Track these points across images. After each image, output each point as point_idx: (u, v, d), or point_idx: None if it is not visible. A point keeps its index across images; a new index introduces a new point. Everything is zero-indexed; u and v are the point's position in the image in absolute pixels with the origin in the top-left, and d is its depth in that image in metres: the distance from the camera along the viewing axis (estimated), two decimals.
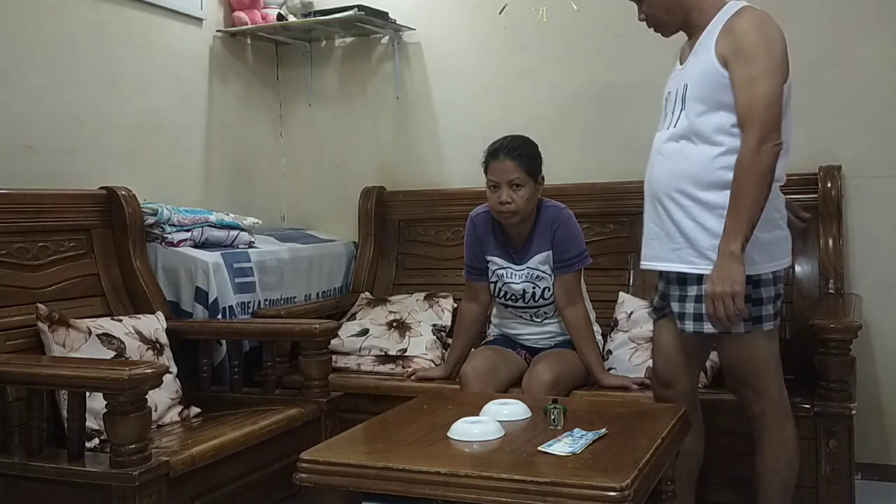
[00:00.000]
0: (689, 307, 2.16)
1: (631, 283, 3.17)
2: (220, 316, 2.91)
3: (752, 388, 2.22)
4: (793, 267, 3.00)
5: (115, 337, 2.47)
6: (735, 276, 2.01)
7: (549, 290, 2.79)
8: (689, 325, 2.17)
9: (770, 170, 2.03)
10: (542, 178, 2.76)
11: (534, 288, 2.79)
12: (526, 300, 2.81)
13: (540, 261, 2.78)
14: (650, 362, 2.63)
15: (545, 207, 2.80)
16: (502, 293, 2.84)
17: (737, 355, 2.21)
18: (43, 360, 2.34)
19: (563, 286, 2.76)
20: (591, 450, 1.80)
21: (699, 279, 2.13)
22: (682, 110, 2.16)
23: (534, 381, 2.58)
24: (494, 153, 2.73)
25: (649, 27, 2.29)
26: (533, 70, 3.53)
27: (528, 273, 2.79)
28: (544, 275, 2.78)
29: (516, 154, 2.69)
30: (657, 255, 2.22)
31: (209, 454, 2.21)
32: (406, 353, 3.12)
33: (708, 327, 2.13)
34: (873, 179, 3.06)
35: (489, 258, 2.85)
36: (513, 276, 2.81)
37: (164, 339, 2.64)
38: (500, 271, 2.83)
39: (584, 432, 1.90)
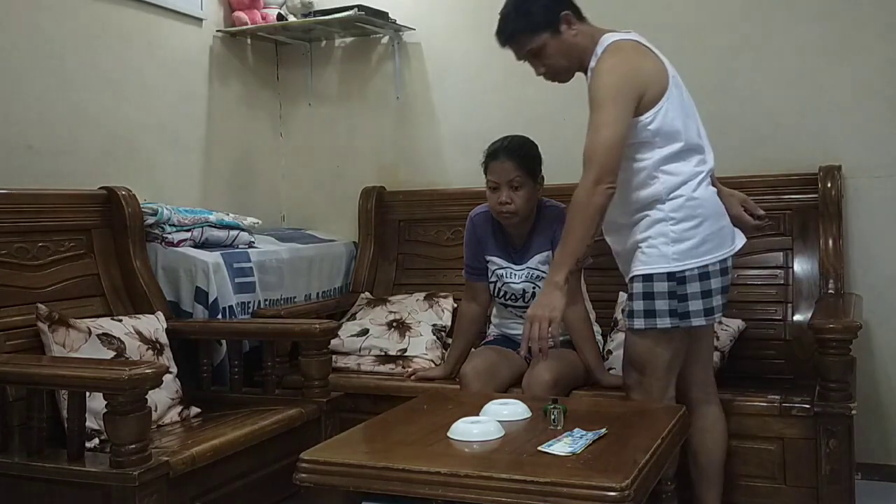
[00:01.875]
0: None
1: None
2: (220, 316, 2.91)
3: (638, 376, 2.33)
4: (792, 267, 3.01)
5: (115, 337, 2.47)
6: (555, 304, 2.17)
7: None
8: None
9: (600, 210, 2.18)
10: (542, 178, 2.77)
11: (534, 288, 2.79)
12: (526, 300, 2.81)
13: (540, 261, 2.78)
14: None
15: (545, 207, 2.80)
16: (502, 293, 2.84)
17: (633, 344, 2.33)
18: (43, 360, 2.34)
19: None
20: (592, 450, 1.80)
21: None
22: None
23: (534, 381, 2.58)
24: (494, 154, 2.74)
25: (548, 79, 2.42)
26: (533, 70, 3.52)
27: (528, 273, 2.79)
28: (544, 275, 2.77)
29: (516, 154, 2.69)
30: None
31: (209, 454, 2.21)
32: (406, 353, 3.12)
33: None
34: (873, 179, 3.06)
35: (489, 258, 2.85)
36: (512, 276, 2.81)
37: (164, 339, 2.64)
38: (499, 271, 2.83)
39: (584, 432, 1.90)
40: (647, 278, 2.25)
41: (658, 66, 2.27)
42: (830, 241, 2.93)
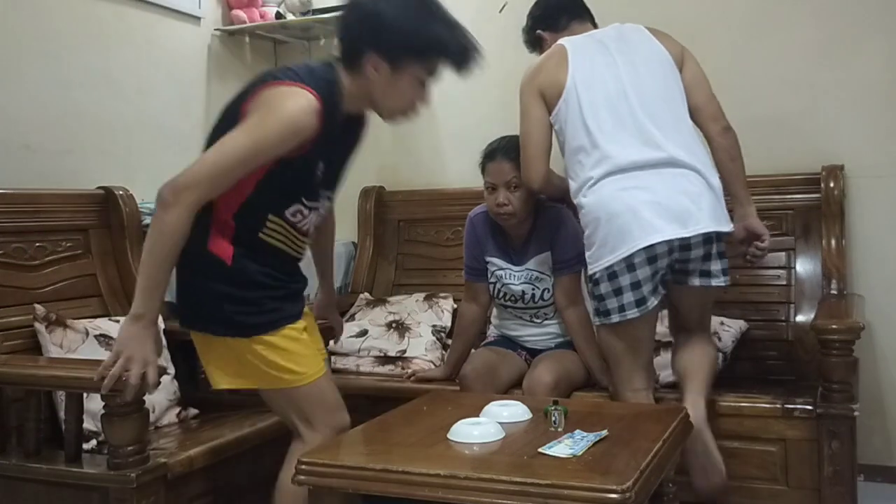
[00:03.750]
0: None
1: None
2: None
3: (607, 367, 2.55)
4: (795, 267, 3.00)
5: (112, 338, 2.46)
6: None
7: (548, 292, 2.77)
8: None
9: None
10: None
11: (533, 289, 2.77)
12: (525, 301, 2.80)
13: (539, 262, 2.77)
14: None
15: (544, 208, 2.79)
16: (501, 294, 2.83)
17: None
18: (40, 360, 2.33)
19: (563, 287, 2.75)
20: (592, 452, 1.79)
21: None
22: None
23: (534, 383, 2.57)
24: (491, 154, 2.72)
25: None
26: None
27: (528, 274, 2.78)
28: (543, 276, 2.77)
29: (513, 155, 2.67)
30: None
31: (207, 456, 2.20)
32: (405, 355, 3.11)
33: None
34: (876, 179, 3.04)
35: (488, 259, 2.84)
36: (512, 278, 2.79)
37: (161, 340, 2.63)
38: (499, 272, 2.82)
39: (584, 434, 1.88)
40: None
41: (559, 70, 2.49)
42: (833, 242, 2.92)
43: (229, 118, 1.95)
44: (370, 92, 1.99)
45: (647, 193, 2.30)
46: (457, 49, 1.98)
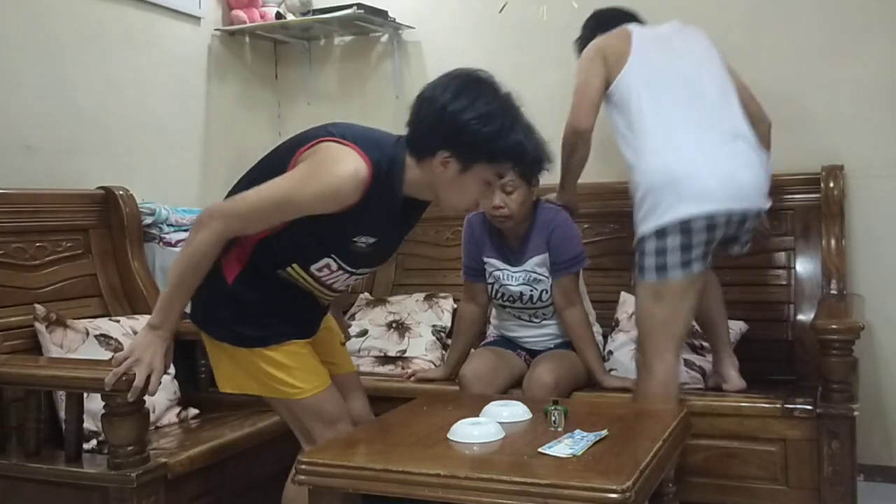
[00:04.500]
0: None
1: (632, 284, 3.15)
2: None
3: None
4: (795, 267, 3.00)
5: (112, 337, 2.46)
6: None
7: (546, 293, 2.77)
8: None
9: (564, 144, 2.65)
10: (537, 179, 2.73)
11: (531, 290, 2.77)
12: (523, 302, 2.79)
13: (537, 263, 2.76)
14: None
15: (541, 209, 2.78)
16: (500, 294, 2.83)
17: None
18: (40, 360, 2.33)
19: (561, 288, 2.74)
20: (592, 451, 1.79)
21: None
22: None
23: (534, 383, 2.57)
24: None
25: None
26: (533, 69, 3.51)
27: (525, 275, 2.77)
28: (541, 277, 2.76)
29: None
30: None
31: (207, 455, 2.20)
32: (405, 355, 3.11)
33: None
34: (876, 179, 3.04)
35: (486, 260, 2.83)
36: (510, 278, 2.79)
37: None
38: (496, 273, 2.81)
39: (584, 434, 1.88)
40: None
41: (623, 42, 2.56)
42: (833, 242, 2.92)
43: (278, 160, 1.96)
44: (434, 184, 1.94)
45: (712, 163, 2.35)
46: (531, 159, 1.97)
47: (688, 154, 2.36)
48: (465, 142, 1.88)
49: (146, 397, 1.98)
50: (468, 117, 1.87)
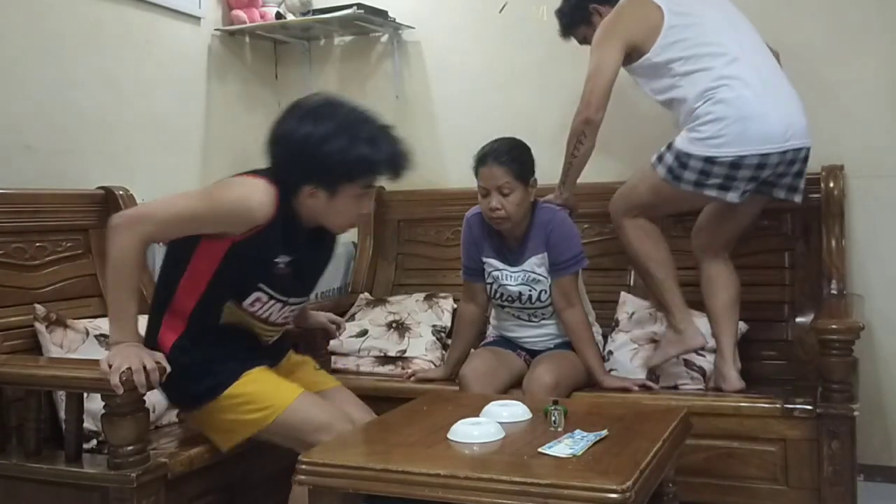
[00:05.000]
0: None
1: (632, 284, 3.15)
2: None
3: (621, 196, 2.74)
4: (794, 267, 3.00)
5: None
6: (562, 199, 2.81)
7: (545, 293, 2.77)
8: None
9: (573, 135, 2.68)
10: (535, 180, 2.73)
11: (530, 290, 2.77)
12: (522, 302, 2.79)
13: (535, 263, 2.76)
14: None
15: (540, 209, 2.78)
16: (498, 295, 2.82)
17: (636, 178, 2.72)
18: (40, 360, 2.33)
19: (560, 289, 2.74)
20: (592, 451, 1.79)
21: None
22: None
23: (534, 383, 2.57)
24: (482, 159, 2.70)
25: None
26: (533, 69, 3.51)
27: (524, 275, 2.77)
28: (540, 277, 2.76)
29: (504, 159, 2.66)
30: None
31: (207, 456, 2.19)
32: (405, 355, 3.11)
33: None
34: (876, 179, 3.04)
35: (485, 260, 2.83)
36: (508, 279, 2.79)
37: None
38: (495, 273, 2.81)
39: (584, 434, 1.89)
40: None
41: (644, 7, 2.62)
42: (833, 242, 2.92)
43: None
44: (312, 213, 2.10)
45: (778, 105, 2.51)
46: (385, 163, 2.08)
47: (759, 92, 2.48)
48: (318, 170, 2.01)
49: (146, 396, 1.98)
50: (313, 145, 1.99)
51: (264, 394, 2.10)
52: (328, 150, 1.98)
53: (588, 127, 2.65)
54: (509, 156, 2.67)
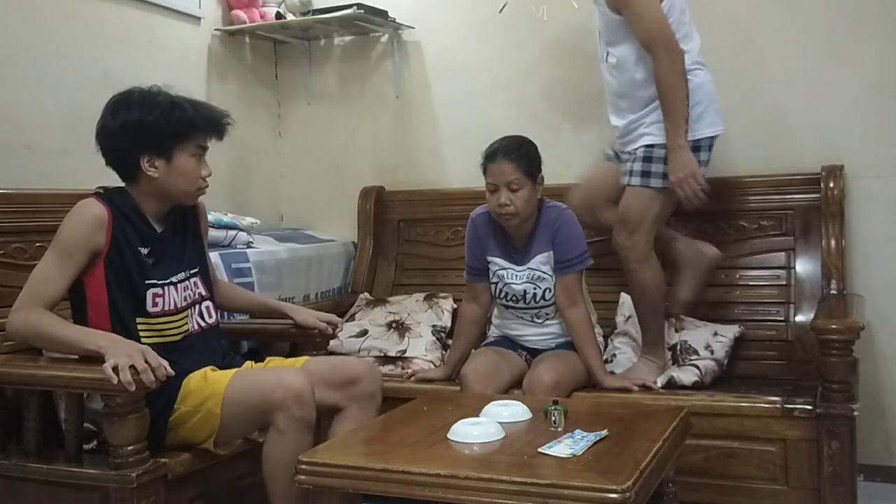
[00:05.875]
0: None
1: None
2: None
3: (627, 229, 2.74)
4: (794, 267, 3.00)
5: None
6: (686, 161, 2.60)
7: (549, 291, 2.77)
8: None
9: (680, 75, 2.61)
10: (542, 178, 2.75)
11: (535, 289, 2.77)
12: (527, 301, 2.80)
13: (541, 261, 2.77)
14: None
15: (546, 208, 2.79)
16: (503, 294, 2.83)
17: (627, 202, 2.75)
18: (41, 360, 2.32)
19: (564, 287, 2.75)
20: (592, 451, 1.79)
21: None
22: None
23: (535, 383, 2.57)
24: (492, 155, 2.71)
25: None
26: (533, 69, 3.52)
27: (529, 274, 2.77)
28: (545, 275, 2.76)
29: (513, 156, 2.67)
30: None
31: (207, 456, 2.19)
32: (406, 355, 3.11)
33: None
34: (876, 179, 3.04)
35: (490, 259, 2.83)
36: (513, 277, 2.79)
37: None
38: (500, 272, 2.81)
39: (584, 434, 1.89)
40: None
41: None
42: (833, 242, 2.92)
43: None
44: (160, 188, 2.20)
45: None
46: (206, 121, 2.24)
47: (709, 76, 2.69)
48: (148, 138, 2.15)
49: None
50: (136, 119, 2.14)
51: (198, 395, 2.12)
52: (152, 119, 2.13)
53: (682, 64, 2.63)
54: (518, 152, 2.68)
